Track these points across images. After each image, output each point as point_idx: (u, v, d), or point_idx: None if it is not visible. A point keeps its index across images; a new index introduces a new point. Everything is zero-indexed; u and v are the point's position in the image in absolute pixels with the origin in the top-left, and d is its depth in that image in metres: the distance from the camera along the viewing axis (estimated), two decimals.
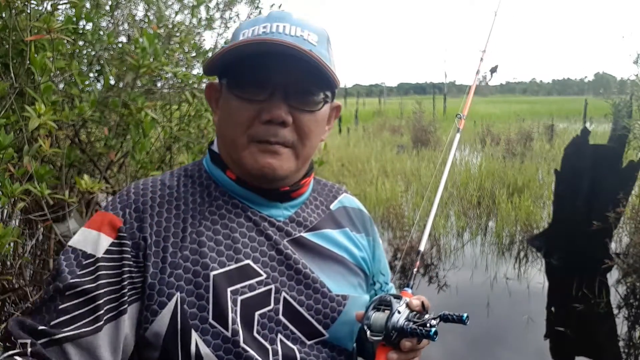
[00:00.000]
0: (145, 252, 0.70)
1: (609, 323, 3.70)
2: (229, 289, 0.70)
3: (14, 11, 1.48)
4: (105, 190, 2.17)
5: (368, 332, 0.72)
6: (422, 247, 0.93)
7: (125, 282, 0.69)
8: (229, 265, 0.72)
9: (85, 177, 1.57)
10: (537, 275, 4.60)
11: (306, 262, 0.78)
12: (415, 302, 0.75)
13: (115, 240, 0.70)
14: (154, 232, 0.72)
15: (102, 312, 0.66)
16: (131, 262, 0.70)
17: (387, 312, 0.72)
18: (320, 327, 0.77)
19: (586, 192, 4.55)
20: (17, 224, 2.03)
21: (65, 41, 1.61)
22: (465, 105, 1.12)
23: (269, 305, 0.73)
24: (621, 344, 3.44)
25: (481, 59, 1.26)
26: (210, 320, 0.69)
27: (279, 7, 3.05)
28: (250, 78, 0.72)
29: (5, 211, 1.82)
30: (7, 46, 1.49)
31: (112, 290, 0.68)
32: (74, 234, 0.76)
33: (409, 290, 0.81)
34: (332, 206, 0.88)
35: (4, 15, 1.49)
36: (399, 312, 0.72)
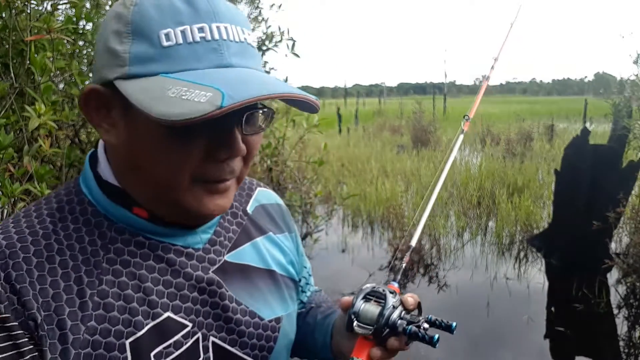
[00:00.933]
0: (39, 334, 0.53)
1: (609, 323, 3.71)
2: (151, 354, 0.58)
3: (14, 11, 1.48)
4: None
5: (355, 323, 0.66)
6: (413, 243, 0.88)
7: None
8: (146, 324, 0.58)
9: None
10: (537, 275, 4.60)
11: (234, 291, 0.67)
12: (411, 300, 0.69)
13: (2, 334, 0.52)
14: (41, 306, 0.53)
15: None
16: (27, 349, 0.53)
17: (378, 304, 0.67)
18: None
19: (586, 192, 4.55)
20: None
21: (65, 41, 1.61)
22: (472, 108, 1.13)
23: (199, 357, 0.63)
24: (621, 344, 3.45)
25: (492, 67, 1.26)
26: None
27: (279, 7, 3.05)
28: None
29: (5, 211, 1.82)
30: (7, 46, 1.49)
31: None
32: None
33: (396, 285, 0.74)
34: (249, 208, 0.77)
35: (4, 15, 1.49)
36: (393, 307, 0.66)
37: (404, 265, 0.81)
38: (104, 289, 0.58)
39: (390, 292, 0.68)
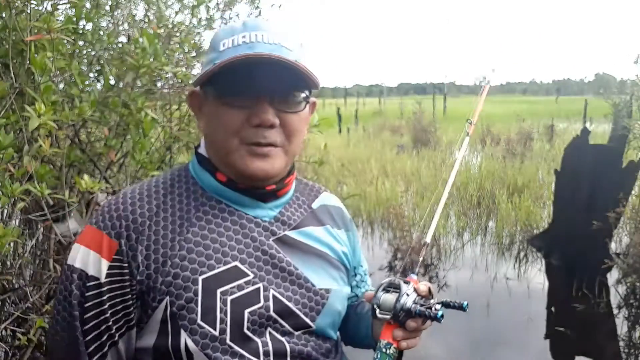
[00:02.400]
0: (139, 268, 0.76)
1: (609, 323, 3.70)
2: (218, 290, 0.76)
3: (14, 11, 1.48)
4: (105, 190, 2.17)
5: (377, 311, 0.79)
6: (428, 239, 0.97)
7: (131, 302, 0.76)
8: (217, 267, 0.77)
9: (85, 177, 1.57)
10: (537, 275, 4.60)
11: (290, 259, 0.83)
12: (423, 287, 0.82)
13: (113, 264, 0.76)
14: (145, 247, 0.76)
15: (113, 331, 0.76)
16: (128, 282, 0.76)
17: (396, 294, 0.79)
18: (307, 319, 0.83)
19: (586, 192, 4.54)
20: (17, 224, 2.03)
21: (65, 41, 1.61)
22: (475, 111, 1.16)
23: (259, 302, 0.78)
24: (621, 344, 3.44)
25: (492, 70, 1.26)
26: (199, 321, 0.74)
27: (279, 7, 3.05)
28: (237, 87, 0.77)
29: (5, 211, 1.82)
30: (7, 46, 1.48)
31: (121, 309, 0.76)
32: (74, 234, 0.79)
33: (414, 277, 0.86)
34: (314, 205, 0.94)
35: (4, 15, 1.49)
36: (407, 295, 0.79)
37: (420, 259, 0.92)
38: (189, 236, 0.78)
39: (405, 282, 0.80)
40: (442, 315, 0.76)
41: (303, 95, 0.82)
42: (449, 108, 23.29)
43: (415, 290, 0.81)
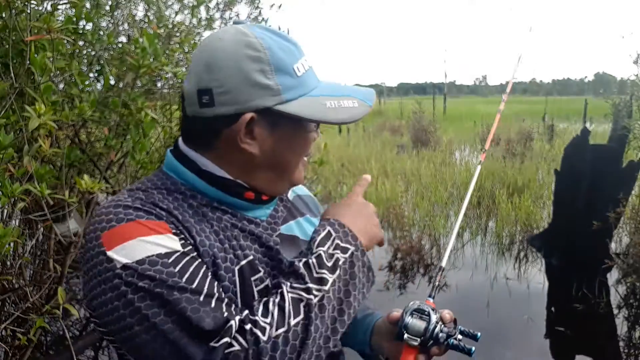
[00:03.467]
0: (195, 242, 0.74)
1: (609, 323, 3.70)
2: (252, 279, 0.77)
3: (14, 11, 1.48)
4: (105, 190, 2.17)
5: (405, 335, 0.82)
6: (443, 263, 1.01)
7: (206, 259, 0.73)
8: (243, 258, 0.78)
9: (85, 177, 1.57)
10: (537, 275, 4.60)
11: (287, 255, 0.85)
12: (448, 317, 0.86)
13: (174, 233, 0.71)
14: (188, 233, 0.73)
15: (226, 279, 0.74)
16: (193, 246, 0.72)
17: (423, 320, 0.83)
18: None
19: (586, 192, 4.55)
20: (17, 224, 2.03)
21: (65, 41, 1.61)
22: (488, 139, 1.21)
23: None
24: (621, 344, 3.45)
25: (505, 94, 1.30)
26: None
27: (279, 7, 3.05)
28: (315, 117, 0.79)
29: (5, 211, 1.82)
30: (7, 46, 1.49)
31: (207, 272, 0.71)
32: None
33: (432, 300, 0.90)
34: (290, 196, 0.98)
35: (4, 15, 1.49)
36: (436, 323, 0.83)
37: (437, 283, 0.95)
38: (208, 235, 0.76)
39: (432, 310, 0.84)
40: (474, 352, 0.83)
41: None
42: (449, 108, 23.29)
43: (441, 318, 0.85)
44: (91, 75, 2.00)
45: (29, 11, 1.51)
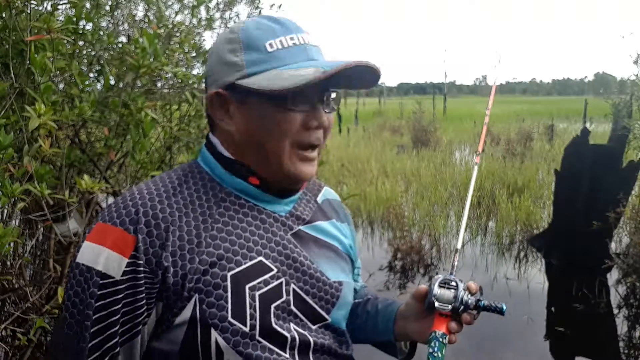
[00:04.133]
0: (163, 266, 0.72)
1: (609, 323, 3.70)
2: (247, 286, 0.75)
3: (14, 11, 1.48)
4: (105, 190, 2.17)
5: (437, 303, 0.85)
6: (459, 245, 1.02)
7: (143, 302, 0.73)
8: (244, 263, 0.77)
9: (85, 177, 1.57)
10: (537, 275, 4.60)
11: (306, 253, 0.85)
12: (474, 286, 0.88)
13: (131, 260, 0.72)
14: (170, 243, 0.73)
15: (117, 339, 0.72)
16: (147, 281, 0.72)
17: (452, 290, 0.86)
18: (323, 312, 0.85)
19: (586, 192, 4.55)
20: (17, 224, 2.03)
21: (65, 41, 1.61)
22: (480, 141, 1.19)
23: (282, 297, 0.79)
24: (621, 344, 3.45)
25: (498, 59, 1.28)
26: (229, 318, 0.73)
27: (279, 7, 3.05)
28: (300, 92, 0.74)
29: (5, 211, 1.82)
30: (7, 46, 1.48)
31: (131, 311, 0.72)
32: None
33: (453, 277, 0.91)
34: (319, 199, 0.97)
35: (4, 15, 1.49)
36: (464, 291, 0.85)
37: (455, 263, 0.96)
38: (215, 233, 0.77)
39: (459, 280, 0.87)
40: (505, 309, 0.85)
41: (338, 91, 0.83)
42: (449, 108, 23.30)
43: (467, 287, 0.87)
44: (91, 75, 2.00)
45: (29, 11, 1.51)
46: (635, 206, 4.54)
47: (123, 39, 2.25)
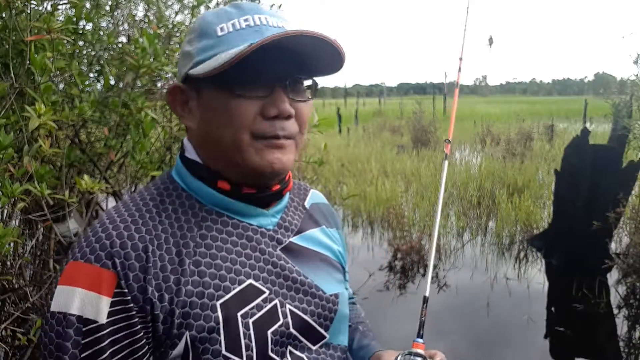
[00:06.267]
0: (150, 301, 0.65)
1: (609, 323, 3.70)
2: (238, 314, 0.69)
3: (14, 11, 1.48)
4: (105, 191, 2.17)
5: None
6: (427, 292, 0.94)
7: (143, 342, 0.66)
8: (233, 289, 0.70)
9: (85, 177, 1.57)
10: (537, 275, 4.60)
11: (299, 267, 0.78)
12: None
13: (115, 299, 0.64)
14: (153, 276, 0.66)
15: None
16: (140, 319, 0.65)
17: None
18: (322, 330, 0.79)
19: (586, 192, 4.55)
20: (17, 224, 2.03)
21: (65, 41, 1.61)
22: (449, 129, 1.11)
23: (279, 320, 0.73)
24: (621, 344, 3.45)
25: (459, 69, 1.26)
26: (224, 352, 0.67)
27: (279, 7, 3.05)
28: (248, 75, 0.68)
29: (5, 211, 1.82)
30: (7, 46, 1.49)
31: (123, 357, 0.65)
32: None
33: (421, 341, 0.82)
34: (306, 204, 0.90)
35: (4, 15, 1.49)
36: None
37: (423, 318, 0.88)
38: (199, 259, 0.69)
39: (424, 358, 0.79)
40: None
41: (310, 81, 0.75)
42: (449, 108, 23.28)
43: None
44: (91, 75, 2.00)
45: (29, 11, 1.51)
46: (635, 206, 4.54)
47: (123, 39, 2.25)
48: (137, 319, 0.64)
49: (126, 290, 0.64)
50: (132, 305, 0.64)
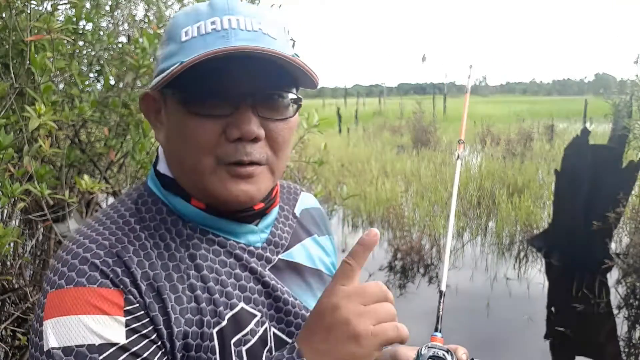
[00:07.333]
0: (156, 319, 0.59)
1: (609, 323, 3.71)
2: (231, 342, 0.63)
3: (14, 11, 1.48)
4: (105, 191, 2.17)
5: None
6: (443, 287, 0.90)
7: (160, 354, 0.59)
8: (226, 314, 0.64)
9: (85, 177, 1.57)
10: (537, 275, 4.60)
11: (288, 287, 0.73)
12: (464, 357, 0.76)
13: (128, 317, 0.57)
14: (154, 299, 0.59)
15: None
16: (155, 333, 0.58)
17: None
18: None
19: (586, 192, 4.55)
20: (17, 224, 2.03)
21: (65, 41, 1.61)
22: (461, 128, 1.07)
23: (267, 345, 0.68)
24: (621, 344, 3.45)
25: (470, 66, 1.24)
26: None
27: (279, 7, 3.05)
28: (209, 90, 0.60)
29: (5, 211, 1.82)
30: (7, 46, 1.49)
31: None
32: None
33: (439, 335, 0.78)
34: (297, 211, 0.83)
35: (4, 15, 1.49)
36: None
37: (441, 313, 0.83)
38: (192, 282, 0.63)
39: (447, 352, 0.74)
40: None
41: (292, 97, 0.65)
42: (449, 108, 23.29)
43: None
44: (91, 75, 2.00)
45: (29, 11, 1.51)
46: (635, 206, 4.54)
47: (123, 39, 2.25)
48: (154, 335, 0.58)
49: (137, 305, 0.58)
50: (146, 318, 0.58)
